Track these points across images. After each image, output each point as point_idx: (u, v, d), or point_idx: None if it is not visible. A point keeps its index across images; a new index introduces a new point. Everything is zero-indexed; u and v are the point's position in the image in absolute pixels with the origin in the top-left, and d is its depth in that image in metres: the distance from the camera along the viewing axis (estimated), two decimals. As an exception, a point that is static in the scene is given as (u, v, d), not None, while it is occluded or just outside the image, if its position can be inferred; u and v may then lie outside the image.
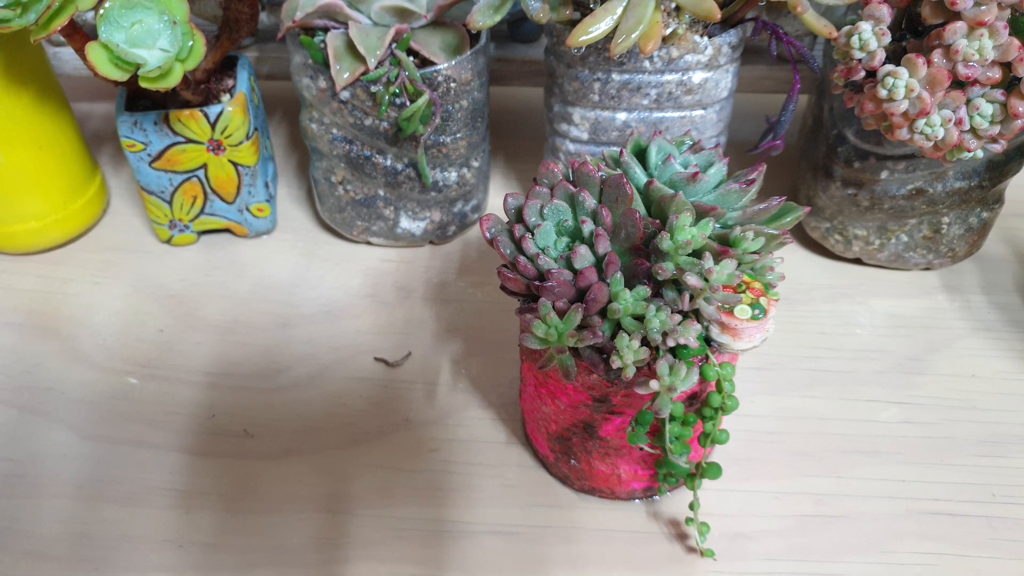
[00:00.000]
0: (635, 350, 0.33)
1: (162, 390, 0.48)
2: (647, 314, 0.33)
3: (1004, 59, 0.39)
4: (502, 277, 0.36)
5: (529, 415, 0.43)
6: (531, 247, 0.35)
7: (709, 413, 0.36)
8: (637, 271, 0.34)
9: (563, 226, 0.36)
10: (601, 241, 0.34)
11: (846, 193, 0.50)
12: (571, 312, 0.33)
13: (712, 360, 0.35)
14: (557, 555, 0.41)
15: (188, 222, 0.55)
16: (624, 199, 0.35)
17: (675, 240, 0.33)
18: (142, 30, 0.43)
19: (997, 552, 0.41)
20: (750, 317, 0.34)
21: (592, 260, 0.35)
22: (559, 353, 0.34)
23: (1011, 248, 0.56)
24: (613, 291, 0.33)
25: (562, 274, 0.34)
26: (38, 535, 0.42)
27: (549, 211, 0.36)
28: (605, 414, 0.38)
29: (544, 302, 0.34)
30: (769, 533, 0.42)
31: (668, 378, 0.33)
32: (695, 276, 0.32)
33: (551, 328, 0.33)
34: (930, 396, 0.47)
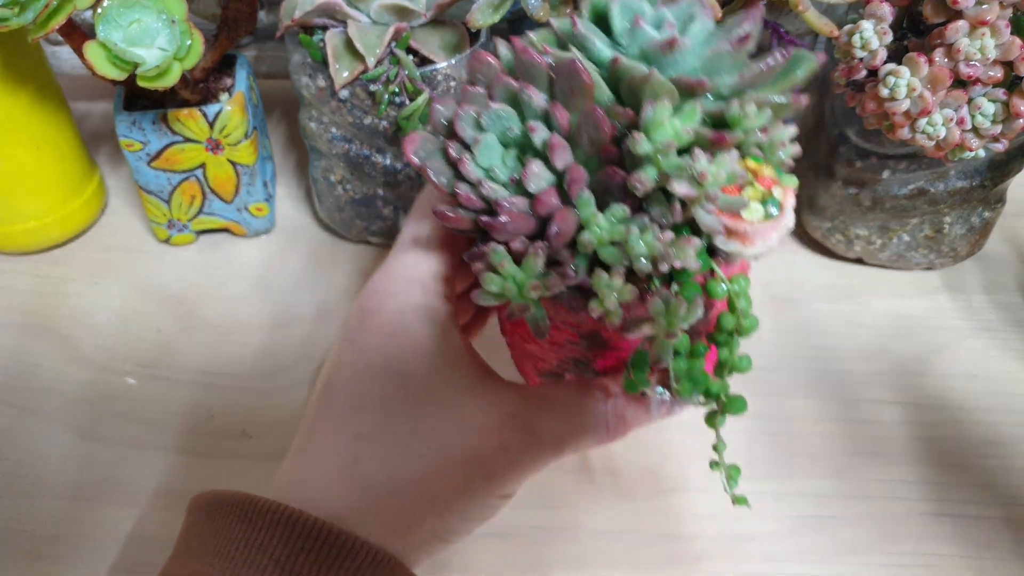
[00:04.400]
0: (618, 289, 0.26)
1: (161, 390, 0.48)
2: (628, 239, 0.26)
3: (1006, 58, 0.38)
4: (440, 217, 0.28)
5: (514, 350, 0.38)
6: (472, 170, 0.28)
7: (723, 338, 0.29)
8: (610, 184, 0.27)
9: (509, 136, 0.28)
10: (558, 152, 0.27)
11: (847, 193, 0.50)
12: (530, 257, 0.26)
13: (719, 274, 0.28)
14: (558, 556, 0.41)
15: (187, 222, 0.55)
16: (582, 91, 0.26)
17: (653, 140, 0.25)
18: (140, 29, 0.42)
19: (999, 553, 0.41)
20: (763, 216, 0.27)
21: (550, 179, 0.27)
22: (521, 311, 0.27)
23: (1013, 248, 0.55)
24: (583, 216, 0.26)
25: (515, 203, 0.27)
26: (36, 535, 0.42)
27: (489, 119, 0.28)
28: (597, 350, 0.33)
29: (495, 247, 0.27)
30: (770, 534, 0.42)
31: (664, 320, 0.26)
32: (685, 183, 0.25)
33: (508, 280, 0.27)
34: (932, 396, 0.47)
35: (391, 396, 0.30)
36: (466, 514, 0.31)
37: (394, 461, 0.30)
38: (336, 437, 0.30)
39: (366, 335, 0.31)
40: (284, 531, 0.28)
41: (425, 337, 0.31)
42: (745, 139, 0.26)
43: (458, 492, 0.30)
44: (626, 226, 0.26)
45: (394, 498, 0.30)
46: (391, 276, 0.32)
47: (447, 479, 0.30)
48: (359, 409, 0.30)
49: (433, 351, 0.31)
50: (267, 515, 0.28)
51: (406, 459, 0.30)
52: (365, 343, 0.31)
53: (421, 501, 0.30)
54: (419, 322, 0.31)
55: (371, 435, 0.30)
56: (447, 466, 0.30)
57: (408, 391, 0.30)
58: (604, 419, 0.32)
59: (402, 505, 0.30)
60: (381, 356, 0.31)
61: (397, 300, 0.31)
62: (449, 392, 0.31)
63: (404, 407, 0.30)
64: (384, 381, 0.30)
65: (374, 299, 0.32)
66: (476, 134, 0.28)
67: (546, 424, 0.31)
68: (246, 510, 0.29)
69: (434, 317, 0.31)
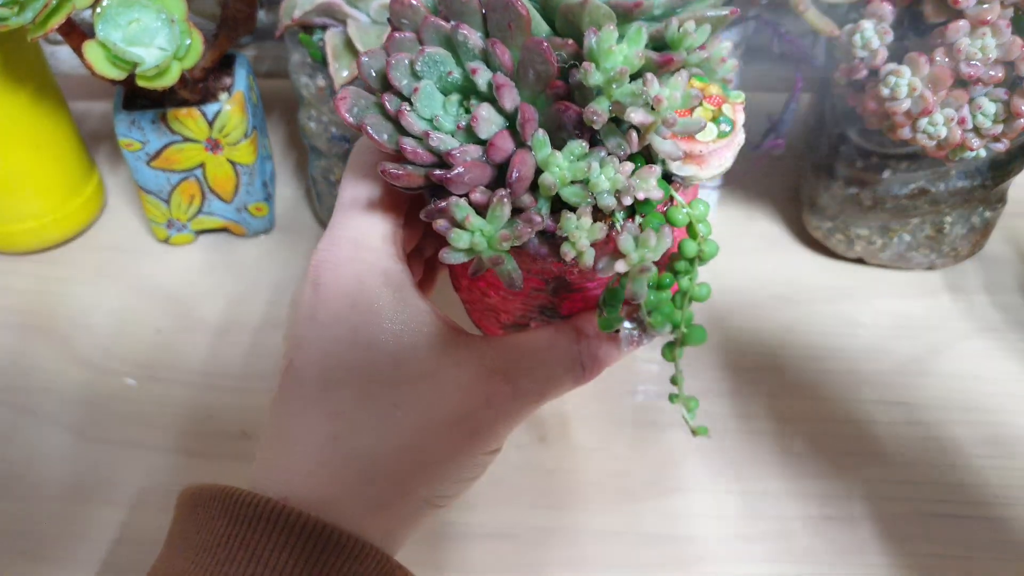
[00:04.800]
0: (587, 228, 0.25)
1: (159, 391, 0.48)
2: (590, 175, 0.25)
3: (1007, 58, 0.38)
4: (389, 177, 0.26)
5: (472, 306, 0.36)
6: (414, 122, 0.26)
7: (683, 267, 0.28)
8: (563, 120, 0.25)
9: (448, 81, 0.26)
10: (506, 92, 0.25)
11: (848, 192, 0.50)
12: (496, 205, 0.25)
13: (678, 200, 0.27)
14: (558, 557, 0.41)
15: (186, 221, 0.55)
16: (519, 25, 0.25)
17: (604, 70, 0.24)
18: (139, 28, 0.42)
19: (999, 553, 0.41)
20: (717, 136, 0.27)
21: (500, 122, 0.26)
22: (494, 264, 0.26)
23: (1014, 248, 0.55)
24: (540, 158, 0.25)
25: (468, 152, 0.25)
26: (35, 536, 0.42)
27: (424, 65, 0.26)
28: (563, 295, 0.32)
29: (457, 202, 0.25)
30: (770, 535, 0.41)
31: (636, 254, 0.25)
32: (640, 111, 0.25)
33: (476, 234, 0.25)
34: (933, 397, 0.47)
35: (362, 368, 0.29)
36: (456, 476, 0.30)
37: (375, 434, 0.29)
38: (310, 418, 0.29)
39: (325, 309, 0.30)
40: (267, 525, 0.27)
41: (388, 302, 0.30)
42: (688, 59, 0.25)
43: (446, 455, 0.29)
44: (587, 163, 0.25)
45: (380, 472, 0.29)
46: (339, 244, 0.31)
47: (433, 443, 0.29)
48: (331, 386, 0.29)
49: (398, 316, 0.30)
50: (249, 508, 0.28)
51: (388, 430, 0.29)
52: (326, 317, 0.30)
53: (409, 470, 0.29)
54: (378, 288, 0.30)
55: (348, 411, 0.29)
56: (432, 430, 0.29)
57: (379, 361, 0.29)
58: (579, 360, 0.32)
59: (389, 478, 0.29)
60: (345, 328, 0.29)
61: (351, 268, 0.30)
62: (422, 355, 0.30)
63: (377, 378, 0.29)
64: (352, 353, 0.29)
65: (326, 270, 0.30)
66: (413, 82, 0.26)
67: (525, 373, 0.30)
68: (227, 504, 0.28)
69: (392, 281, 0.30)
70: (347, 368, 0.29)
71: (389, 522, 0.29)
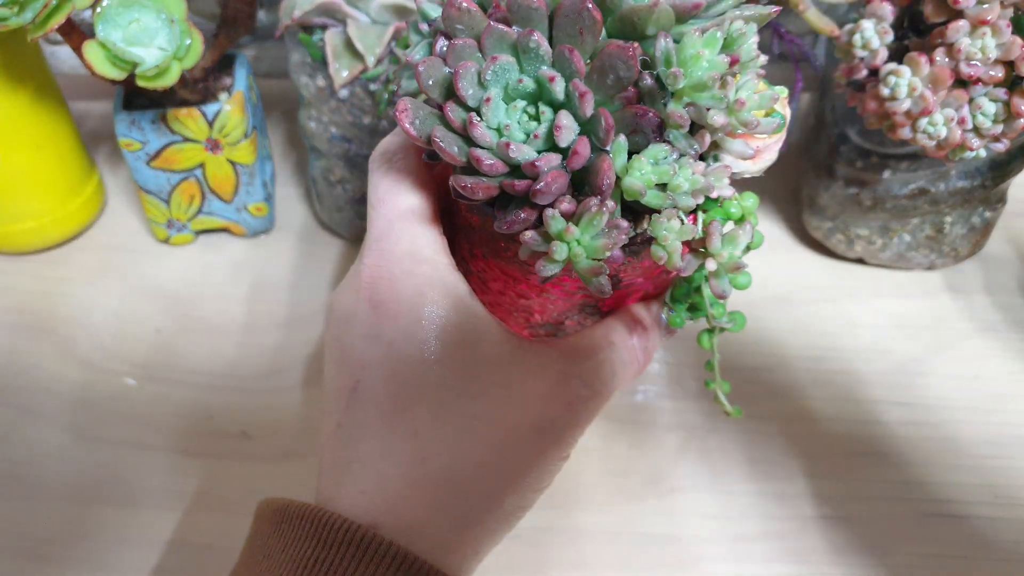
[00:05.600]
0: (678, 230, 0.26)
1: (159, 391, 0.48)
2: (672, 178, 0.25)
3: (1007, 58, 0.38)
4: (464, 190, 0.26)
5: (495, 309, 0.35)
6: (486, 134, 0.25)
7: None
8: (640, 124, 0.25)
9: (515, 90, 0.26)
10: (588, 100, 0.25)
11: (848, 192, 0.50)
12: (595, 214, 0.25)
13: (736, 195, 0.28)
14: (557, 557, 0.41)
15: (186, 221, 0.55)
16: (593, 29, 0.25)
17: (690, 75, 0.24)
18: (139, 28, 0.42)
19: (999, 553, 0.41)
20: (774, 131, 0.27)
21: (577, 128, 0.26)
22: (595, 274, 0.26)
23: (1014, 248, 0.55)
24: (619, 163, 0.25)
25: (551, 161, 0.25)
26: (35, 537, 0.42)
27: (492, 74, 0.26)
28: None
29: (554, 214, 0.25)
30: (771, 535, 0.41)
31: (726, 252, 0.26)
32: (722, 113, 0.25)
33: (574, 245, 0.25)
34: (933, 397, 0.47)
35: (437, 384, 0.29)
36: (538, 483, 0.30)
37: (461, 450, 0.28)
38: (390, 440, 0.28)
39: (390, 326, 0.29)
40: (356, 551, 0.27)
41: (451, 316, 0.29)
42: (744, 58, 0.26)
43: (530, 464, 0.29)
44: (672, 167, 0.25)
45: (467, 488, 0.28)
46: (393, 258, 0.30)
47: (518, 453, 0.29)
48: (405, 405, 0.29)
49: (465, 328, 0.29)
50: (340, 533, 0.27)
51: (470, 444, 0.28)
52: (393, 335, 0.29)
53: (495, 483, 0.29)
54: (442, 301, 0.29)
55: (428, 430, 0.28)
56: (517, 440, 0.29)
57: (451, 375, 0.29)
58: (636, 354, 0.32)
59: (477, 493, 0.29)
60: (413, 346, 0.29)
61: (410, 283, 0.29)
62: (493, 365, 0.29)
63: (453, 393, 0.29)
64: (424, 371, 0.29)
65: (384, 287, 0.29)
66: (480, 92, 0.26)
67: (596, 374, 0.31)
68: (317, 525, 0.27)
69: (452, 293, 0.29)
70: (419, 386, 0.29)
71: (477, 539, 0.29)
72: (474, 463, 0.28)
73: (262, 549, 0.29)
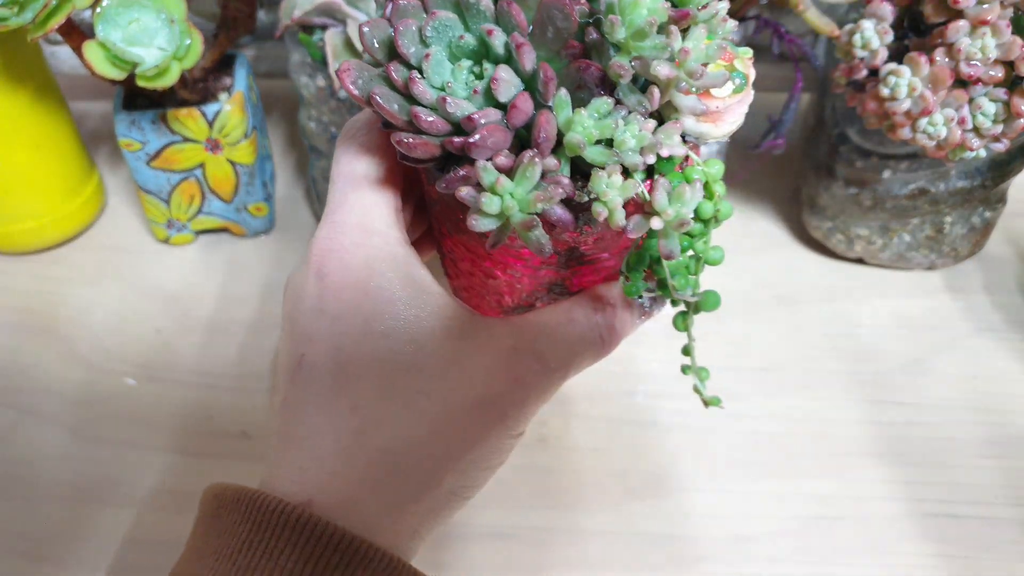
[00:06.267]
0: (620, 186, 0.25)
1: (159, 391, 0.48)
2: (616, 133, 0.24)
3: (1007, 58, 0.38)
4: (405, 148, 0.25)
5: (469, 292, 0.35)
6: (426, 91, 0.25)
7: (697, 229, 0.28)
8: (584, 79, 0.25)
9: (458, 47, 0.26)
10: (526, 52, 0.24)
11: (848, 193, 0.50)
12: (527, 166, 0.24)
13: (695, 159, 0.26)
14: (558, 557, 0.41)
15: (186, 222, 0.55)
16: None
17: (630, 23, 0.24)
18: (139, 28, 0.42)
19: (1000, 554, 0.41)
20: (733, 91, 0.26)
21: (519, 83, 0.25)
22: (527, 228, 0.25)
23: (1014, 248, 0.55)
24: (562, 118, 0.25)
25: (488, 115, 0.25)
26: (35, 537, 0.42)
27: (433, 31, 0.25)
28: (575, 268, 0.31)
29: (485, 165, 0.24)
30: (771, 535, 0.41)
31: (672, 209, 0.25)
32: (666, 64, 0.24)
33: (506, 197, 0.24)
34: (933, 397, 0.47)
35: (380, 358, 0.28)
36: (484, 462, 0.29)
37: (400, 425, 0.28)
38: (330, 415, 0.28)
39: (335, 300, 0.28)
40: (292, 534, 0.26)
41: (400, 289, 0.28)
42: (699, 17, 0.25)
43: (474, 441, 0.28)
44: (613, 120, 0.25)
45: (407, 464, 0.28)
46: (343, 230, 0.29)
47: (461, 430, 0.28)
48: (348, 380, 0.28)
49: (413, 302, 0.28)
50: (274, 515, 0.27)
51: (413, 420, 0.28)
52: (336, 309, 0.28)
53: (437, 460, 0.28)
54: (389, 274, 0.28)
55: (368, 404, 0.28)
56: (459, 416, 0.28)
57: (397, 350, 0.28)
58: (598, 332, 0.31)
59: (417, 469, 0.28)
60: (359, 319, 0.28)
61: (359, 255, 0.29)
62: (442, 340, 0.28)
63: (398, 367, 0.28)
64: (369, 345, 0.28)
65: (331, 259, 0.29)
66: (422, 50, 0.25)
67: (550, 350, 0.29)
68: (251, 509, 0.27)
69: (402, 266, 0.29)
70: (364, 360, 0.28)
71: (416, 517, 0.28)
72: (414, 439, 0.28)
73: (203, 536, 0.29)
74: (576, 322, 0.31)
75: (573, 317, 0.31)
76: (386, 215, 0.29)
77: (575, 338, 0.30)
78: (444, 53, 0.26)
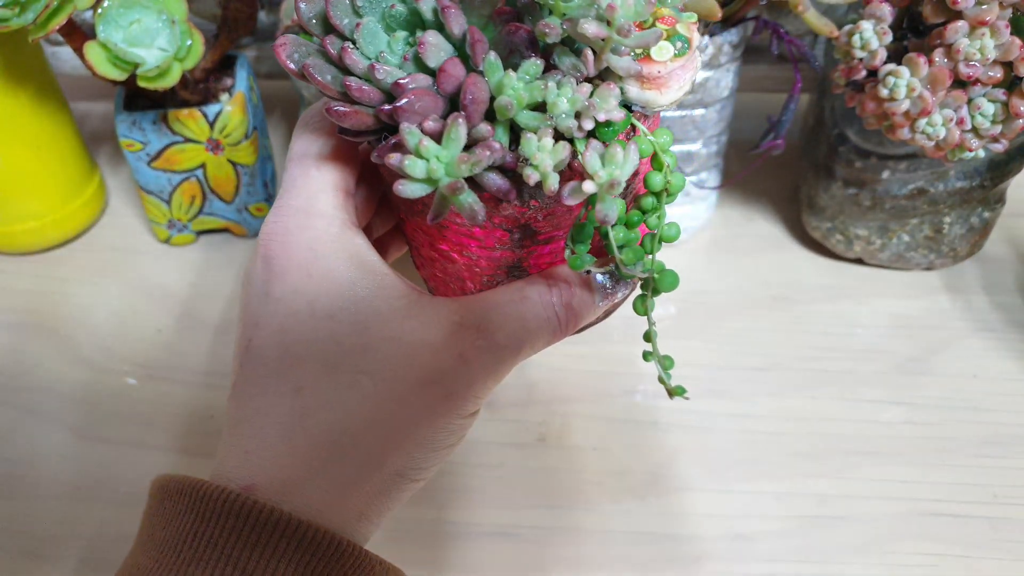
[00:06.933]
0: (551, 150, 0.24)
1: (161, 391, 0.48)
2: (548, 96, 0.24)
3: (1005, 58, 0.38)
4: (336, 116, 0.25)
5: (436, 282, 0.34)
6: (358, 60, 0.25)
7: (650, 203, 0.27)
8: (514, 42, 0.25)
9: (393, 16, 0.26)
10: (453, 15, 0.24)
11: (847, 193, 0.50)
12: (451, 127, 0.24)
13: (641, 129, 0.26)
14: (558, 556, 0.41)
15: (187, 222, 0.55)
16: None
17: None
18: (140, 29, 0.42)
19: (999, 553, 0.41)
20: (675, 54, 0.26)
21: (449, 49, 0.25)
22: (454, 191, 0.24)
23: (1013, 248, 0.55)
24: (493, 81, 0.24)
25: (416, 80, 0.24)
26: (36, 536, 0.42)
27: (365, 1, 0.25)
28: (531, 247, 0.30)
29: (409, 128, 0.24)
30: (770, 534, 0.41)
31: (604, 171, 0.24)
32: (594, 23, 0.23)
33: (432, 160, 0.24)
34: (932, 397, 0.47)
35: (324, 339, 0.28)
36: (432, 443, 0.29)
37: (342, 406, 0.27)
38: (273, 398, 0.28)
39: (281, 283, 0.28)
40: (236, 522, 0.26)
41: (344, 269, 0.28)
42: None
43: (420, 420, 0.28)
44: (544, 83, 0.24)
45: (350, 445, 0.27)
46: (288, 213, 0.29)
47: (406, 408, 0.28)
48: (292, 362, 0.28)
49: (356, 281, 0.28)
50: (216, 503, 0.26)
51: (355, 399, 0.27)
52: (280, 292, 0.28)
53: (381, 440, 0.28)
54: (333, 255, 0.28)
55: (311, 385, 0.28)
56: (401, 395, 0.27)
57: (341, 330, 0.28)
58: (553, 310, 0.30)
59: (360, 451, 0.27)
60: (303, 301, 0.28)
61: (302, 237, 0.29)
62: (387, 319, 0.28)
63: (341, 348, 0.28)
64: (312, 326, 0.28)
65: (275, 243, 0.29)
66: (354, 19, 0.25)
67: (498, 326, 0.29)
68: (194, 499, 0.27)
69: (347, 247, 0.29)
70: (308, 341, 0.28)
71: (361, 500, 0.28)
72: (357, 420, 0.27)
73: (148, 529, 0.29)
74: (529, 299, 0.30)
75: (526, 295, 0.30)
76: (332, 197, 0.29)
77: (527, 315, 0.30)
78: (379, 24, 0.25)
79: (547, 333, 0.30)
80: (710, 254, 0.55)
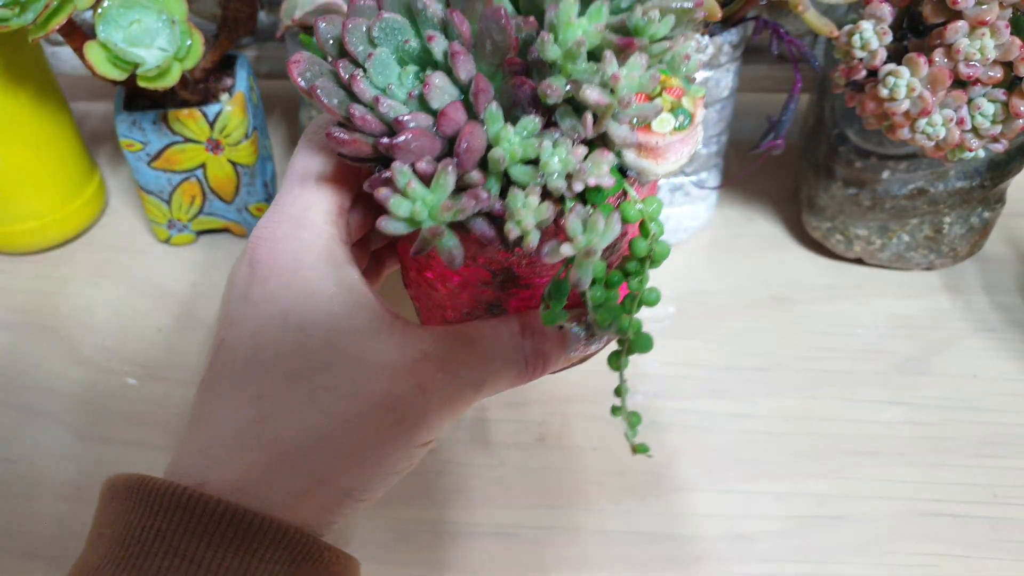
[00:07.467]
0: (535, 208, 0.24)
1: (161, 390, 0.48)
2: (542, 155, 0.24)
3: (1005, 58, 0.38)
4: (334, 142, 0.26)
5: (421, 304, 0.35)
6: (366, 89, 0.25)
7: (634, 267, 0.27)
8: (518, 96, 0.25)
9: (405, 51, 0.26)
10: (461, 62, 0.25)
11: (847, 193, 0.50)
12: (440, 174, 0.24)
13: (632, 195, 0.26)
14: (557, 556, 0.41)
15: (187, 222, 0.55)
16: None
17: (562, 42, 0.24)
18: (140, 29, 0.42)
19: (999, 553, 0.41)
20: (675, 128, 0.26)
21: (455, 93, 0.25)
22: (434, 236, 0.25)
23: (1013, 248, 0.55)
24: (492, 132, 0.24)
25: (417, 119, 0.25)
26: (36, 536, 0.42)
27: (381, 32, 0.26)
28: (511, 290, 0.30)
29: (400, 168, 0.24)
30: (770, 534, 0.41)
31: (583, 237, 0.24)
32: (597, 89, 0.24)
33: (416, 203, 0.24)
34: (931, 397, 0.47)
35: (291, 351, 0.28)
36: (379, 466, 0.28)
37: (298, 418, 0.27)
38: (234, 401, 0.28)
39: (261, 288, 0.29)
40: (184, 515, 0.26)
41: (322, 284, 0.28)
42: (651, 50, 0.24)
43: (368, 442, 0.28)
44: (539, 141, 0.24)
45: (300, 457, 0.27)
46: (279, 220, 0.29)
47: (356, 429, 0.28)
48: (258, 368, 0.28)
49: (333, 297, 0.28)
50: (164, 498, 0.26)
51: (311, 414, 0.27)
52: (259, 297, 0.28)
53: (330, 457, 0.28)
54: (314, 268, 0.28)
55: (272, 394, 0.28)
56: (356, 415, 0.28)
57: (309, 344, 0.28)
58: (522, 354, 0.30)
59: (309, 463, 0.28)
60: (277, 309, 0.28)
61: (287, 246, 0.29)
62: (352, 337, 0.28)
63: (306, 361, 0.28)
64: (283, 335, 0.28)
65: (263, 248, 0.29)
66: (369, 50, 0.25)
67: (463, 361, 0.29)
68: (142, 494, 0.27)
69: (329, 261, 0.29)
70: (276, 350, 0.28)
71: (306, 512, 0.28)
72: (310, 434, 0.28)
73: (97, 527, 0.29)
74: (499, 339, 0.30)
75: (498, 333, 0.30)
76: (325, 212, 0.29)
77: (495, 354, 0.30)
78: (392, 56, 0.26)
79: (512, 375, 0.30)
80: (710, 254, 0.55)
